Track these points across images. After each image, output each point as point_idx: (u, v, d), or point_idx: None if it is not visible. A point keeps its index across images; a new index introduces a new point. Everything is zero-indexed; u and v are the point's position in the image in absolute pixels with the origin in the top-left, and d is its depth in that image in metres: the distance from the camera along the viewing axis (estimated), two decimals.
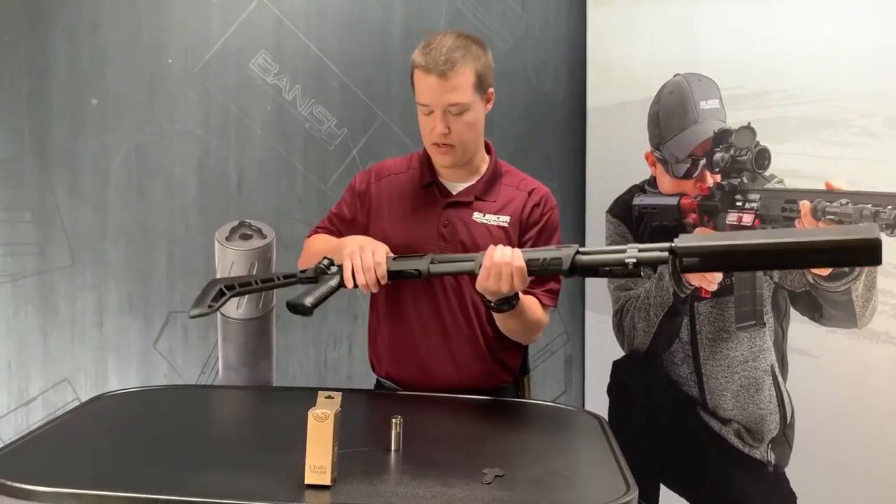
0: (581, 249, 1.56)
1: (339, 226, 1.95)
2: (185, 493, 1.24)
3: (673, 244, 1.46)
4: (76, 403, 2.63)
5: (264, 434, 1.63)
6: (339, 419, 1.29)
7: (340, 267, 1.71)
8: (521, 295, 1.71)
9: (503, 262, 1.58)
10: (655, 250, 1.50)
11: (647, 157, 2.61)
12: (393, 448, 1.44)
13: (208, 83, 2.80)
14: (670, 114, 2.49)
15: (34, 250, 2.75)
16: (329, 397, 1.31)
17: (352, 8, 2.89)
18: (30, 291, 2.74)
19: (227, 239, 2.12)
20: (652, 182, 2.60)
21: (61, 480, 1.28)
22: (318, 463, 1.26)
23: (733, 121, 2.26)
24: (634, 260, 1.51)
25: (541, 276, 1.73)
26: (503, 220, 1.85)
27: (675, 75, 2.48)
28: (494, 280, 1.59)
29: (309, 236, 2.00)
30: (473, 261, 1.63)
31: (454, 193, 1.88)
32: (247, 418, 1.85)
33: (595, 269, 1.56)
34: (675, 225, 2.46)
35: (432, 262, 1.66)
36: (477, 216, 1.85)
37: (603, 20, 2.88)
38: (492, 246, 1.61)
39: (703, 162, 2.36)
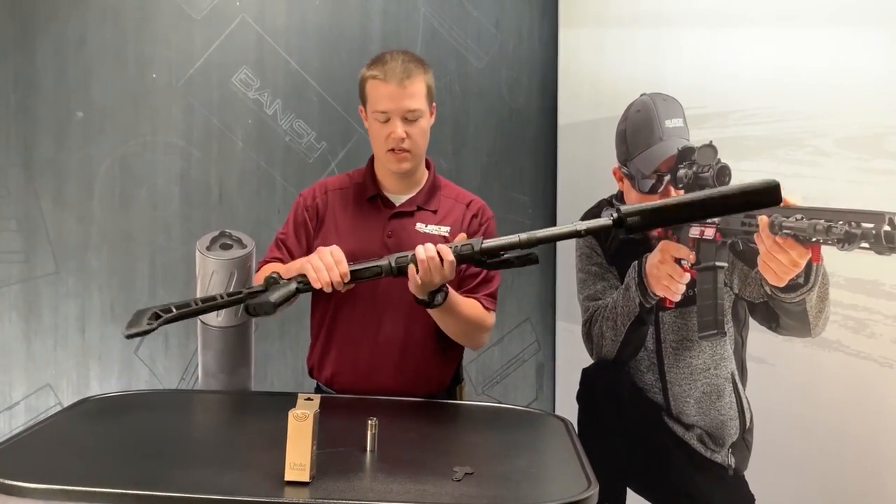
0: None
1: (291, 250, 1.94)
2: (170, 489, 1.28)
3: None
4: (58, 408, 2.65)
5: (245, 435, 1.66)
6: (318, 420, 1.35)
7: (297, 277, 1.66)
8: (459, 296, 1.80)
9: (430, 257, 1.62)
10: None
11: (614, 173, 2.65)
12: (369, 448, 1.49)
13: (191, 97, 2.85)
14: (637, 131, 2.53)
15: (19, 258, 2.77)
16: (309, 399, 1.37)
17: (331, 26, 2.94)
18: (14, 298, 2.76)
19: (208, 248, 2.15)
20: (619, 196, 2.64)
21: (51, 477, 1.31)
22: (298, 460, 1.31)
23: (696, 139, 2.30)
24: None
25: (482, 281, 1.87)
26: (444, 230, 1.92)
27: (641, 94, 2.52)
28: (428, 273, 1.63)
29: (258, 269, 1.97)
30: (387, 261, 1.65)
31: (397, 205, 1.94)
32: (228, 420, 1.88)
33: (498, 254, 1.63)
34: (641, 238, 2.48)
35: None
36: (420, 226, 1.91)
37: (574, 41, 2.94)
38: (419, 247, 1.64)
39: (667, 178, 2.39)
